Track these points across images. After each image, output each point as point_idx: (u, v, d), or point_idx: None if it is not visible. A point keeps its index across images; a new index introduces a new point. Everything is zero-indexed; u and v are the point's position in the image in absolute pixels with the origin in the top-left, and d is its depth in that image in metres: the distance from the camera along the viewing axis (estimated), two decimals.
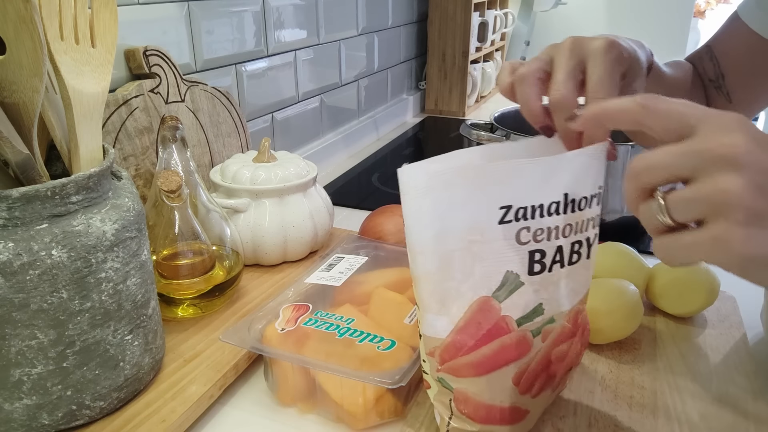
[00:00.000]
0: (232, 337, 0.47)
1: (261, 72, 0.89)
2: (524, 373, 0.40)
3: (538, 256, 0.38)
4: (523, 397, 0.41)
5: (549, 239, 0.38)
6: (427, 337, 0.40)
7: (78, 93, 0.42)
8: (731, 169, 0.28)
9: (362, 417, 0.46)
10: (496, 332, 0.39)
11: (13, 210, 0.38)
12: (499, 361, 0.39)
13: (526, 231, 0.37)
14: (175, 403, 0.46)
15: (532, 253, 0.38)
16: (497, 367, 0.39)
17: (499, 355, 0.39)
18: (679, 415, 0.47)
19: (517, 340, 0.39)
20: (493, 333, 0.39)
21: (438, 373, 0.40)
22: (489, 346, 0.39)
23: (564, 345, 0.42)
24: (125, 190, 0.46)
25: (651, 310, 0.60)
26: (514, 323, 0.39)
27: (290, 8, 0.94)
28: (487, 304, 0.38)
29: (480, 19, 1.53)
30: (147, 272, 0.47)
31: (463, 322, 0.39)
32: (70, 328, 0.41)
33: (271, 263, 0.68)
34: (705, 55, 0.60)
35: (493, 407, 0.40)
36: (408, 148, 1.27)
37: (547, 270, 0.39)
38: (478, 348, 0.39)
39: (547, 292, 0.39)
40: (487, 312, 0.38)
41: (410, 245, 0.39)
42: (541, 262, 0.38)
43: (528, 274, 0.38)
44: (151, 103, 0.66)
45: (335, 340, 0.47)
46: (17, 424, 0.41)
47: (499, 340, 0.39)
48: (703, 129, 0.30)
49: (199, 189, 0.60)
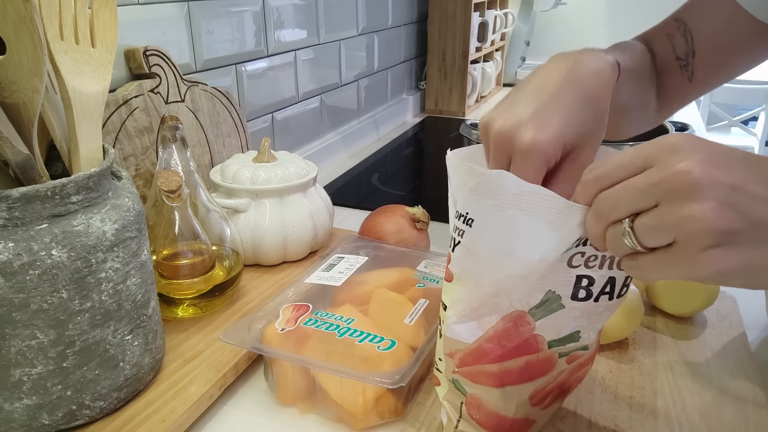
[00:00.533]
0: (232, 337, 0.47)
1: (261, 72, 0.89)
2: (542, 390, 0.39)
3: (585, 282, 0.36)
4: (534, 408, 0.40)
5: (601, 267, 0.35)
6: (449, 338, 0.39)
7: (78, 93, 0.42)
8: (692, 196, 0.28)
9: (362, 417, 0.46)
10: (525, 349, 0.37)
11: (13, 210, 0.38)
12: (522, 377, 0.38)
13: (580, 256, 0.35)
14: (175, 403, 0.46)
15: (579, 278, 0.36)
16: (518, 382, 0.38)
17: (522, 372, 0.38)
18: (679, 415, 0.47)
19: (543, 360, 0.38)
20: (522, 349, 0.37)
21: (454, 375, 0.40)
22: (515, 360, 0.37)
23: (586, 366, 0.42)
24: (125, 190, 0.45)
25: (651, 310, 0.60)
26: (545, 343, 0.37)
27: (290, 8, 0.94)
28: (522, 319, 0.37)
29: (480, 19, 1.53)
30: (147, 272, 0.47)
31: (493, 331, 0.37)
32: (70, 328, 0.41)
33: (271, 263, 0.68)
34: (677, 31, 0.55)
35: (505, 418, 0.40)
36: (408, 148, 1.27)
37: (593, 299, 0.36)
38: (503, 360, 0.37)
39: (589, 321, 0.38)
40: (519, 327, 0.37)
41: (469, 244, 0.36)
42: (587, 289, 0.36)
43: (570, 299, 0.36)
44: (151, 103, 0.66)
45: (335, 340, 0.47)
46: (17, 424, 0.41)
47: (526, 358, 0.37)
48: (658, 159, 0.30)
49: (199, 189, 0.60)
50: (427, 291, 0.54)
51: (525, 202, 0.33)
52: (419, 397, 0.49)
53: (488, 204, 0.34)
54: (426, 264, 0.59)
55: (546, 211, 0.33)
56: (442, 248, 0.70)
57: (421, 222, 0.68)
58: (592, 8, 1.89)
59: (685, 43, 0.55)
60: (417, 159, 1.22)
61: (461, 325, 0.38)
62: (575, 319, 0.37)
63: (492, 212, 0.34)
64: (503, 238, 0.34)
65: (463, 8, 1.44)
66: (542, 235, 0.34)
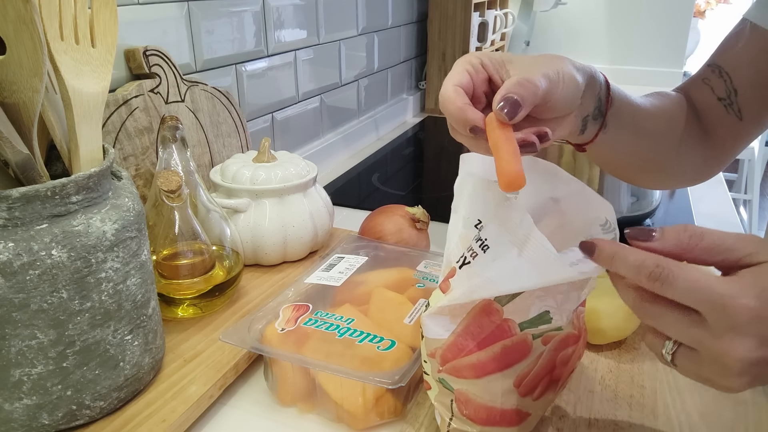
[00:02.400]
0: (232, 337, 0.47)
1: (261, 72, 0.89)
2: (526, 376, 0.40)
3: None
4: (525, 399, 0.41)
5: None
6: (428, 338, 0.40)
7: (78, 93, 0.42)
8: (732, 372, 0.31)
9: (362, 417, 0.46)
10: (498, 335, 0.39)
11: (13, 210, 0.38)
12: (501, 364, 0.39)
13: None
14: (175, 403, 0.46)
15: None
16: (498, 369, 0.39)
17: (500, 358, 0.39)
18: (679, 414, 0.47)
19: (518, 343, 0.39)
20: (496, 335, 0.39)
21: (439, 374, 0.40)
22: (491, 348, 0.39)
23: (569, 349, 0.42)
24: (125, 190, 0.46)
25: None
26: (516, 327, 0.39)
27: (290, 8, 0.94)
28: (489, 307, 0.38)
29: (480, 19, 1.53)
30: (147, 272, 0.47)
31: (465, 323, 0.39)
32: (70, 328, 0.41)
33: (271, 263, 0.68)
34: (712, 73, 0.56)
35: (494, 409, 0.40)
36: (408, 148, 1.27)
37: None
38: (480, 350, 0.39)
39: (555, 300, 0.39)
40: (489, 314, 0.38)
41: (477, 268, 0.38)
42: None
43: None
44: (151, 103, 0.66)
45: (335, 340, 0.47)
46: (17, 424, 0.41)
47: (501, 343, 0.39)
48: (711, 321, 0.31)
49: (199, 189, 0.60)
50: (427, 291, 0.54)
51: (529, 247, 0.35)
52: (419, 397, 0.49)
53: (505, 240, 0.36)
54: (426, 264, 0.59)
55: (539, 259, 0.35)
56: (441, 248, 0.70)
57: (421, 222, 0.68)
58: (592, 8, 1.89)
59: (723, 83, 0.55)
60: (417, 159, 1.22)
61: (433, 320, 0.39)
62: (540, 299, 0.38)
63: (505, 248, 0.36)
64: (499, 272, 0.36)
65: (463, 8, 1.44)
66: (528, 279, 0.35)
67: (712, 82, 0.56)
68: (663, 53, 1.84)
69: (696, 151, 0.57)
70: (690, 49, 2.03)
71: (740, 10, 2.89)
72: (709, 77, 0.56)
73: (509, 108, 0.38)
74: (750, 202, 2.40)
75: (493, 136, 0.38)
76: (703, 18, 2.37)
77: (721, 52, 0.56)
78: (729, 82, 0.55)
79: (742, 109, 0.55)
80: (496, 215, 0.37)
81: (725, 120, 0.56)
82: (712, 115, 0.56)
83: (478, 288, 0.37)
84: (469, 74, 0.42)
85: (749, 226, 2.38)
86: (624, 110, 0.50)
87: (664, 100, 0.56)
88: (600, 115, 0.49)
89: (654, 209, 0.81)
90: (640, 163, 0.56)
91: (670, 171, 0.58)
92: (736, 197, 2.40)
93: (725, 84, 0.55)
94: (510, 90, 0.38)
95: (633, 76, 1.86)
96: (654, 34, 1.83)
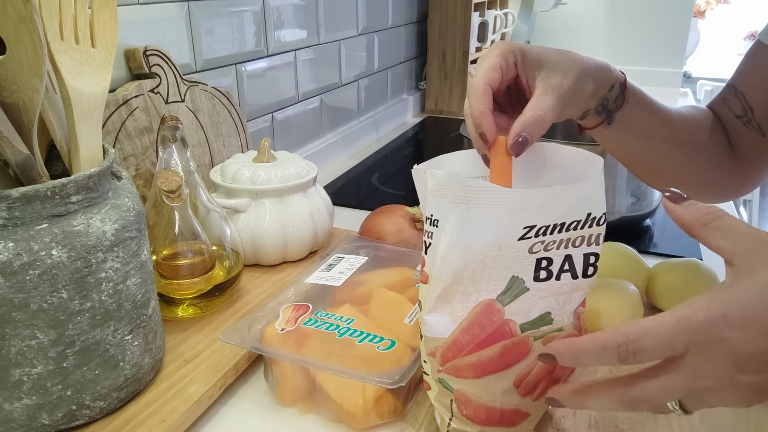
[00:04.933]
0: (232, 337, 0.47)
1: (261, 72, 0.89)
2: (526, 376, 0.40)
3: (544, 263, 0.39)
4: (524, 399, 0.41)
5: (558, 249, 0.39)
6: (428, 337, 0.40)
7: (78, 93, 0.42)
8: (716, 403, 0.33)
9: (362, 417, 0.46)
10: (499, 335, 0.39)
11: (13, 210, 0.38)
12: (501, 364, 0.39)
13: (540, 244, 0.38)
14: (175, 403, 0.46)
15: (539, 261, 0.38)
16: (498, 369, 0.39)
17: (500, 358, 0.39)
18: (679, 416, 0.47)
19: (518, 344, 0.39)
20: (496, 336, 0.39)
21: (439, 374, 0.40)
22: (491, 348, 0.39)
23: None
24: (125, 190, 0.45)
25: (651, 310, 0.60)
26: (517, 327, 0.39)
27: (290, 8, 0.94)
28: (491, 306, 0.38)
29: (480, 19, 1.53)
30: (147, 272, 0.47)
31: (466, 322, 0.39)
32: (70, 328, 0.41)
33: (271, 263, 0.68)
34: (728, 93, 0.59)
35: (494, 409, 0.40)
36: (408, 148, 1.27)
37: (555, 278, 0.39)
38: (480, 349, 0.39)
39: (557, 301, 0.39)
40: (490, 314, 0.38)
41: (436, 243, 0.39)
42: (547, 270, 0.39)
43: (533, 281, 0.39)
44: (151, 103, 0.66)
45: (335, 340, 0.47)
46: (17, 424, 0.41)
47: (501, 344, 0.39)
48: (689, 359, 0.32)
49: (199, 189, 0.60)
50: None
51: (472, 196, 0.36)
52: (419, 397, 0.49)
53: (445, 203, 0.37)
54: None
55: (488, 201, 0.36)
56: None
57: (421, 222, 0.68)
58: (592, 8, 1.89)
59: (738, 102, 0.57)
60: (417, 159, 1.21)
61: (434, 317, 0.39)
62: (542, 300, 0.39)
63: (447, 210, 0.37)
64: (455, 232, 0.37)
65: (463, 8, 1.44)
66: (488, 224, 0.36)
67: (729, 101, 0.58)
68: (663, 53, 1.84)
69: (723, 165, 0.59)
70: (690, 49, 2.03)
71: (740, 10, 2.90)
72: (726, 96, 0.59)
73: (518, 147, 0.42)
74: (750, 202, 2.40)
75: (497, 161, 0.42)
76: (703, 18, 2.38)
77: (737, 73, 0.59)
78: (743, 100, 0.57)
79: (762, 125, 0.56)
80: (434, 192, 0.38)
81: (747, 136, 0.57)
82: (735, 132, 0.58)
83: (447, 254, 0.37)
84: (501, 72, 0.45)
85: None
86: (638, 114, 0.52)
87: (692, 112, 0.58)
88: (604, 111, 0.50)
89: (654, 209, 0.81)
90: (650, 164, 0.58)
91: (683, 177, 0.59)
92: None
93: (740, 102, 0.57)
94: (525, 128, 0.42)
95: (633, 76, 1.83)
96: (654, 34, 1.83)
